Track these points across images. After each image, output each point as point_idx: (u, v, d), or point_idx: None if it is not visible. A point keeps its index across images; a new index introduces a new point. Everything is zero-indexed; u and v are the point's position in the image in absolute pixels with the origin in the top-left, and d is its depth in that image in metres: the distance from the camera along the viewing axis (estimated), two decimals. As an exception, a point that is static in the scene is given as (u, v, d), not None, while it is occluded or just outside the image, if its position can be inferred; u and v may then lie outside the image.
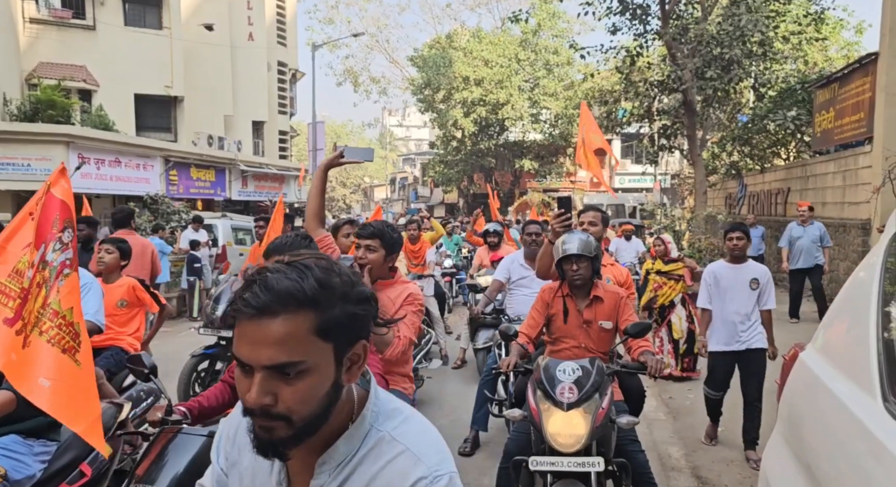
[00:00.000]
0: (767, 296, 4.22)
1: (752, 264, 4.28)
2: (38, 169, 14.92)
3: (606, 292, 3.06)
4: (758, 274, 4.22)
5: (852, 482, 1.39)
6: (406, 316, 2.62)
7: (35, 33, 16.91)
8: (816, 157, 12.14)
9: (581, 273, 2.95)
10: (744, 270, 4.24)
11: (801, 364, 1.94)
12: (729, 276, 4.25)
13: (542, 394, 2.68)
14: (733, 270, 4.25)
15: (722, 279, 4.26)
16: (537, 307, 3.12)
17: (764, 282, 4.20)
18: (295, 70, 27.39)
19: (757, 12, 11.27)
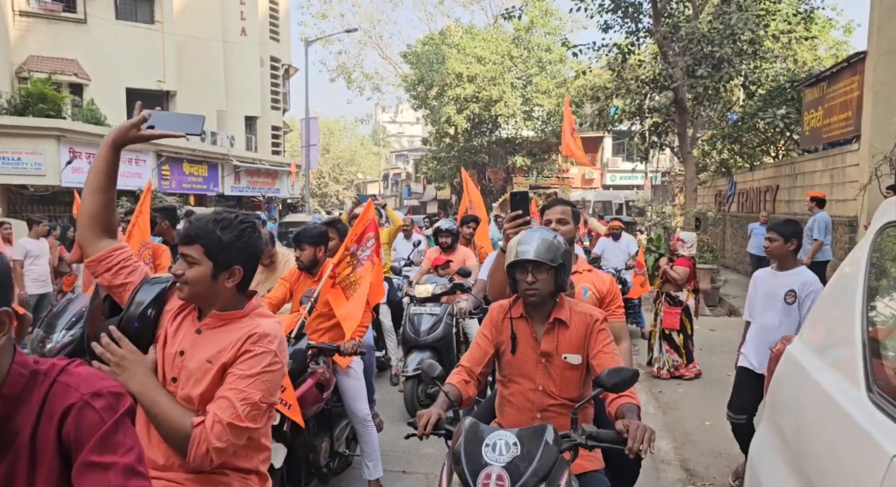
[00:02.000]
0: (809, 311, 3.37)
1: (798, 273, 3.55)
2: (28, 163, 14.82)
3: (574, 314, 2.18)
4: (796, 285, 3.47)
5: (837, 470, 1.44)
6: (235, 380, 1.58)
7: (25, 26, 16.76)
8: (805, 155, 12.27)
9: (538, 288, 2.10)
10: (783, 278, 3.57)
11: (788, 356, 2.00)
12: (766, 285, 3.67)
13: (459, 483, 1.77)
14: (773, 277, 3.65)
15: (759, 288, 3.72)
16: (484, 332, 2.26)
17: (803, 295, 3.42)
18: (288, 65, 27.28)
19: (747, 11, 11.37)
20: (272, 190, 24.77)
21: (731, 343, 7.60)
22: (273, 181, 25.10)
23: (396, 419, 4.95)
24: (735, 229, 15.57)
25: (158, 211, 5.07)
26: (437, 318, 5.19)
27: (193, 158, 19.91)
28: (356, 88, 35.72)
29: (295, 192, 28.15)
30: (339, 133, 53.96)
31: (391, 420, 4.90)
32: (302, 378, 3.18)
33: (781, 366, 2.04)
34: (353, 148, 55.10)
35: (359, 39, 34.70)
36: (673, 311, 6.30)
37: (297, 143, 34.99)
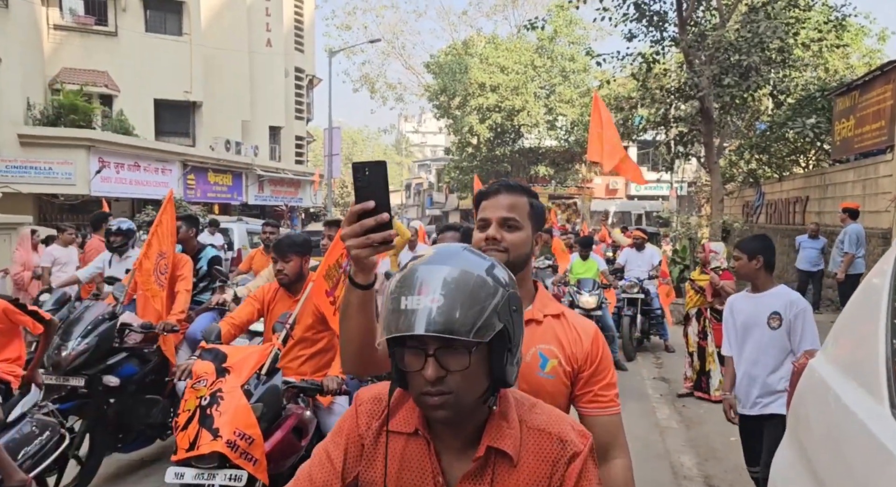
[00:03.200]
0: (802, 334, 2.95)
1: (779, 292, 3.08)
2: (59, 173, 15.22)
3: (528, 437, 1.07)
4: (779, 306, 2.98)
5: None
6: None
7: (59, 39, 17.28)
8: (836, 165, 11.97)
9: (449, 389, 0.99)
10: (762, 301, 3.08)
11: (810, 371, 1.91)
12: (744, 311, 3.17)
13: None
14: (750, 302, 3.16)
15: (739, 315, 3.19)
16: (327, 450, 1.14)
17: (791, 316, 2.96)
18: (312, 76, 27.65)
19: (776, 19, 11.16)
20: (295, 199, 25.05)
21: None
22: (296, 191, 25.39)
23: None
24: (763, 241, 15.22)
25: (183, 219, 5.05)
26: None
27: (218, 167, 20.23)
28: (379, 98, 36.08)
29: (318, 201, 28.43)
30: (362, 143, 54.54)
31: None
32: (276, 424, 2.65)
33: (803, 381, 1.94)
34: (375, 157, 55.44)
35: (382, 50, 35.12)
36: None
37: (320, 152, 35.42)
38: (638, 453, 4.37)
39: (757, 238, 3.24)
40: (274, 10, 23.26)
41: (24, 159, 14.86)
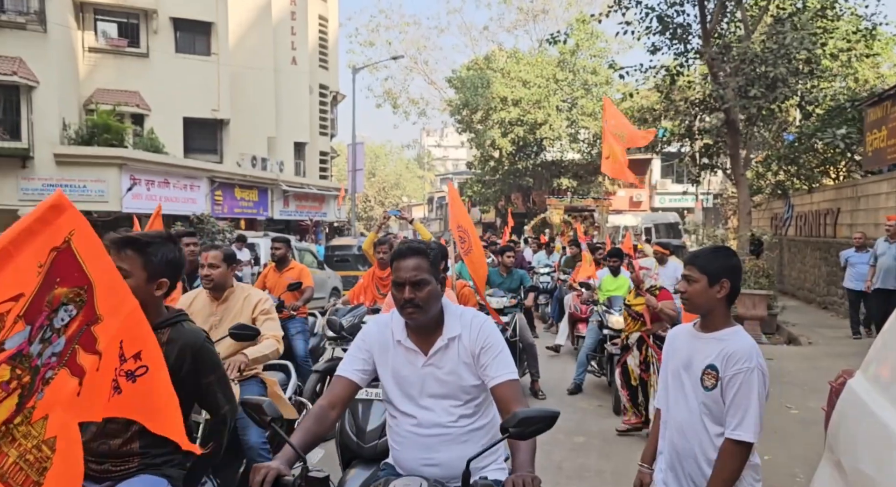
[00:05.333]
0: (735, 410, 2.01)
1: (724, 336, 2.11)
2: (92, 190, 15.64)
3: None
4: (718, 358, 2.07)
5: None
6: None
7: (93, 61, 17.83)
8: (868, 176, 11.72)
9: None
10: (706, 346, 2.13)
11: (849, 392, 1.86)
12: (681, 352, 2.23)
13: None
14: (692, 342, 2.20)
15: (674, 357, 2.26)
16: None
17: (727, 377, 2.03)
18: (336, 92, 28.06)
19: (803, 30, 11.02)
20: (319, 214, 25.32)
21: (789, 374, 7.24)
22: (320, 205, 25.68)
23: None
24: (793, 254, 14.93)
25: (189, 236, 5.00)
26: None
27: (244, 183, 20.59)
28: (402, 113, 36.38)
29: (341, 215, 28.69)
30: (385, 157, 54.97)
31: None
32: None
33: (842, 402, 1.89)
34: (398, 172, 55.98)
35: (405, 65, 35.48)
36: None
37: (343, 167, 35.79)
38: (668, 472, 4.28)
39: (719, 253, 2.20)
40: (299, 29, 23.73)
41: (60, 178, 15.32)
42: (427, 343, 1.96)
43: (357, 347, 2.05)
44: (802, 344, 9.14)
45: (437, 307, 1.97)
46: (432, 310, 1.94)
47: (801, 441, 4.88)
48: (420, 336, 1.97)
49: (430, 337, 1.97)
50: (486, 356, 1.92)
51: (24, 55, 14.84)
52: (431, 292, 1.92)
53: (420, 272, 1.91)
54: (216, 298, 3.29)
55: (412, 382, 1.97)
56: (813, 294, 13.23)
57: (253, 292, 3.39)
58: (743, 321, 9.48)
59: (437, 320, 1.98)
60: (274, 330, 3.24)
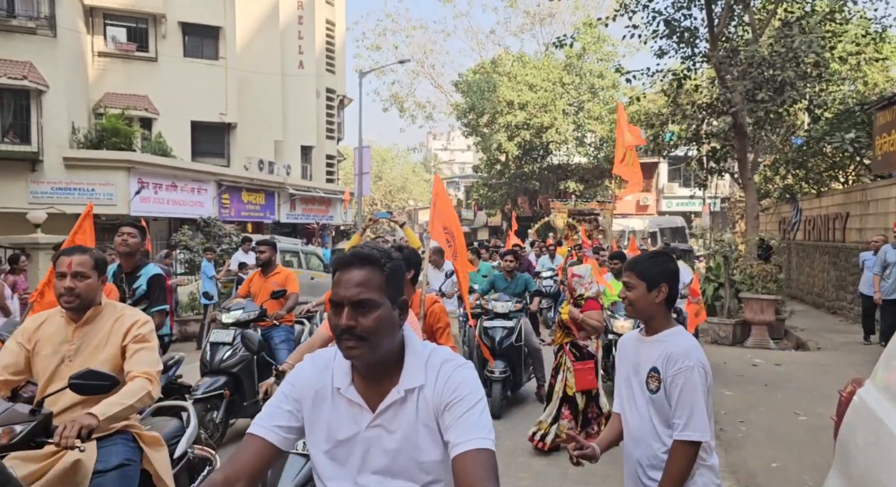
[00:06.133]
0: (681, 411, 2.01)
1: (665, 337, 2.14)
2: (101, 193, 15.74)
3: None
4: (659, 361, 2.07)
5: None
6: None
7: (103, 66, 17.97)
8: (877, 181, 11.63)
9: None
10: (650, 349, 2.15)
11: (859, 401, 1.84)
12: (631, 358, 2.24)
13: None
14: (638, 347, 2.22)
15: (623, 363, 2.29)
16: None
17: (668, 378, 2.04)
18: (343, 96, 28.16)
19: (811, 33, 10.96)
20: (326, 217, 25.39)
21: (798, 379, 7.18)
22: (327, 209, 25.74)
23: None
24: (801, 258, 14.83)
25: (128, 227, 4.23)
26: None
27: (251, 186, 20.67)
28: (409, 117, 36.47)
29: (348, 219, 28.76)
30: (392, 161, 55.07)
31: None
32: None
33: (852, 411, 1.87)
34: (404, 175, 56.07)
35: (411, 69, 35.55)
36: (585, 367, 4.79)
37: (350, 171, 35.88)
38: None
39: (657, 259, 2.21)
40: (306, 34, 23.84)
41: (69, 181, 15.43)
42: (377, 394, 1.41)
43: (283, 394, 1.46)
44: (811, 349, 9.07)
45: (393, 342, 1.42)
46: (383, 345, 1.38)
47: (810, 448, 4.83)
48: (369, 384, 1.42)
49: (381, 386, 1.41)
50: (452, 414, 1.36)
51: (34, 59, 14.97)
52: (382, 319, 1.36)
53: (367, 290, 1.36)
54: (75, 319, 2.43)
55: (351, 450, 1.41)
56: (822, 299, 13.13)
57: (127, 313, 2.53)
58: (751, 326, 9.43)
59: (392, 361, 1.43)
60: (147, 365, 2.38)
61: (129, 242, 4.06)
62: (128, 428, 2.41)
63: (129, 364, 2.38)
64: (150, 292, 4.06)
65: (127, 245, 4.07)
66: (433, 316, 3.52)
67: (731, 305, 9.92)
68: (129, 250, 4.08)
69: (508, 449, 4.91)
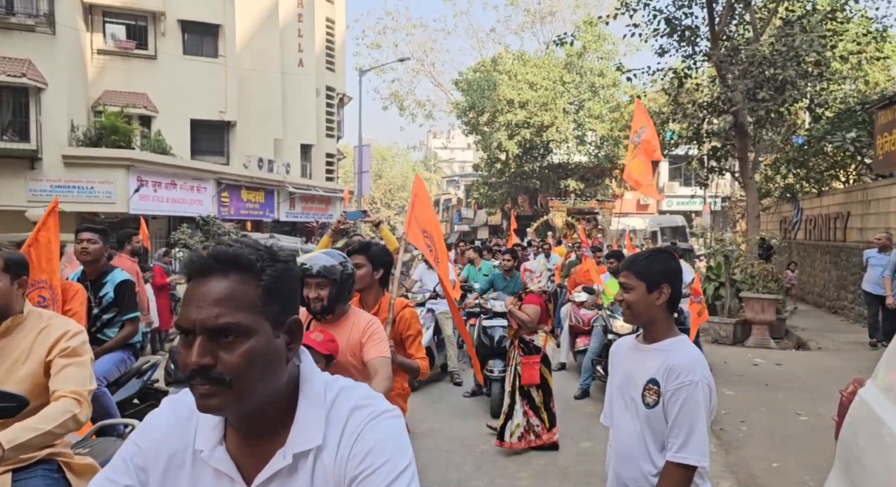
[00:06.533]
0: (679, 429, 1.81)
1: (667, 346, 1.92)
2: (100, 192, 15.71)
3: None
4: (659, 371, 1.88)
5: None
6: None
7: (102, 63, 17.93)
8: (878, 180, 11.60)
9: None
10: (648, 358, 1.95)
11: (860, 402, 1.82)
12: (626, 367, 2.03)
13: None
14: (637, 356, 2.01)
15: (617, 372, 2.08)
16: None
17: (668, 392, 1.84)
18: (342, 94, 28.11)
19: (812, 32, 10.94)
20: (325, 216, 25.36)
21: (799, 379, 7.16)
22: (326, 207, 25.71)
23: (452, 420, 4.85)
24: (802, 258, 14.81)
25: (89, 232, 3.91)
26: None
27: (251, 185, 20.63)
28: (408, 116, 36.44)
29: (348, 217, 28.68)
30: (391, 159, 55.07)
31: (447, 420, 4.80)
32: None
33: (853, 411, 1.85)
34: (404, 174, 56.09)
35: (411, 68, 35.52)
36: (531, 361, 4.88)
37: (350, 169, 35.87)
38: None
39: (657, 257, 1.98)
40: (306, 32, 23.78)
41: (68, 179, 15.40)
42: (256, 459, 1.00)
43: (122, 462, 1.04)
44: (812, 349, 9.05)
45: (276, 385, 0.99)
46: (258, 391, 0.96)
47: (810, 448, 4.81)
48: (246, 444, 1.01)
49: (263, 447, 1.00)
50: None
51: (33, 57, 14.93)
52: (255, 353, 0.94)
53: (231, 310, 0.93)
54: None
55: None
56: (822, 298, 13.11)
57: (55, 323, 2.19)
58: (752, 325, 9.41)
59: (278, 411, 1.01)
60: (76, 383, 2.03)
61: (89, 249, 3.80)
62: (53, 456, 2.02)
63: (55, 382, 2.01)
64: (118, 299, 3.84)
65: (88, 253, 3.80)
66: (403, 323, 3.04)
67: (731, 304, 9.90)
68: (91, 257, 3.82)
69: (508, 449, 4.89)
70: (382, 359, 2.46)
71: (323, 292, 2.43)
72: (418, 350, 3.02)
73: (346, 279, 2.48)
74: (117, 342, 3.86)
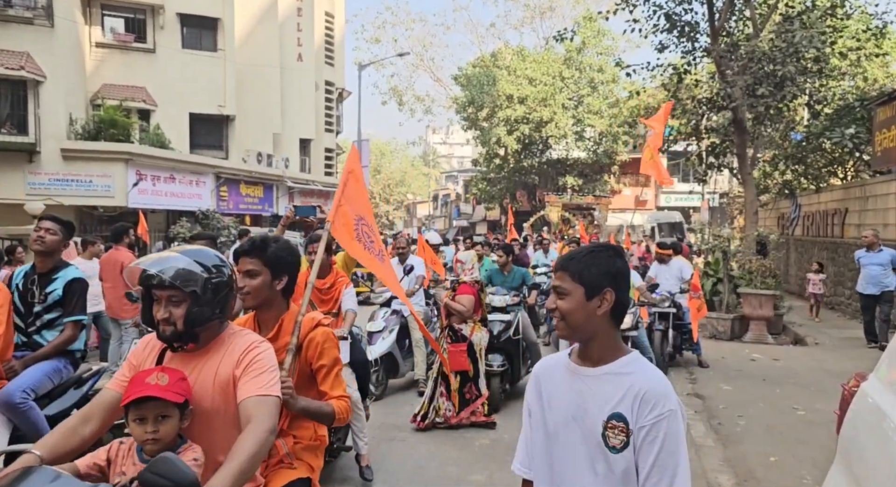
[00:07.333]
0: (660, 474, 1.43)
1: (627, 368, 1.51)
2: (99, 185, 15.68)
3: None
4: (623, 402, 1.47)
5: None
6: None
7: (100, 57, 17.86)
8: (877, 176, 11.64)
9: None
10: (598, 387, 1.52)
11: (863, 396, 1.84)
12: (565, 400, 1.56)
13: None
14: (582, 382, 1.55)
15: (551, 406, 1.59)
16: None
17: (647, 425, 1.44)
18: (342, 89, 28.05)
19: (812, 28, 10.95)
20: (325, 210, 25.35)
21: (796, 374, 7.20)
22: (325, 202, 25.68)
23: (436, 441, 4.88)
24: (800, 254, 14.86)
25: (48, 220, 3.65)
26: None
27: (250, 179, 20.61)
28: (408, 111, 36.40)
29: (347, 212, 28.65)
30: (390, 155, 54.98)
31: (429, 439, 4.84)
32: None
33: (855, 405, 1.87)
34: (403, 169, 56.03)
35: (411, 62, 35.45)
36: (458, 349, 5.14)
37: (349, 164, 35.82)
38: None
39: (600, 254, 1.56)
40: (305, 26, 23.70)
41: (66, 172, 15.36)
42: None
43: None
44: (809, 345, 9.10)
45: None
46: None
47: (808, 443, 4.85)
48: None
49: None
50: None
51: (32, 50, 14.87)
52: None
53: None
54: None
55: None
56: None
57: None
58: (749, 321, 9.45)
59: None
60: None
61: (46, 239, 3.44)
62: None
63: None
64: (66, 299, 3.45)
65: (43, 243, 3.43)
66: (313, 348, 2.25)
67: (729, 300, 9.94)
68: (46, 248, 3.45)
69: (507, 443, 4.92)
70: (259, 399, 1.67)
71: (177, 311, 1.70)
72: (335, 386, 2.23)
73: (216, 290, 1.75)
74: (54, 348, 3.39)
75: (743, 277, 9.90)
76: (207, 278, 1.73)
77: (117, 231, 6.51)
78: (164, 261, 1.71)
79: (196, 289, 1.70)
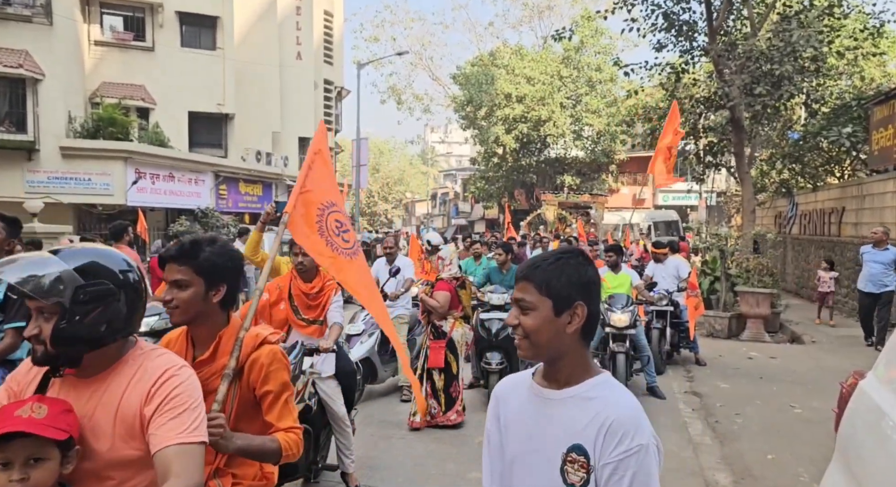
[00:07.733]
0: None
1: (593, 392, 1.30)
2: (98, 183, 15.66)
3: None
4: (585, 433, 1.26)
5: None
6: None
7: (99, 55, 17.82)
8: (873, 175, 11.69)
9: None
10: (561, 413, 1.31)
11: (861, 394, 1.87)
12: (523, 428, 1.36)
13: None
14: (542, 406, 1.35)
15: (509, 434, 1.39)
16: None
17: (613, 461, 1.22)
18: (340, 88, 28.03)
19: (809, 27, 10.99)
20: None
21: (793, 373, 7.25)
22: (324, 200, 25.65)
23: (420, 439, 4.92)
24: (797, 252, 14.91)
25: None
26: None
27: (249, 178, 20.61)
28: (406, 110, 36.33)
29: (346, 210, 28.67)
30: (389, 153, 54.95)
31: (416, 438, 4.87)
32: None
33: (854, 404, 1.90)
34: (402, 168, 56.00)
35: (409, 61, 35.41)
36: (437, 345, 5.21)
37: (347, 163, 35.80)
38: (670, 470, 4.31)
39: (569, 261, 1.35)
40: (304, 25, 23.67)
41: (65, 171, 15.35)
42: None
43: None
44: (806, 343, 9.16)
45: None
46: None
47: (805, 441, 4.89)
48: None
49: None
50: None
51: (30, 48, 14.84)
52: None
53: None
54: None
55: None
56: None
57: None
58: (747, 319, 9.50)
59: None
60: None
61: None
62: None
63: None
64: (6, 302, 3.01)
65: None
66: (257, 370, 1.86)
67: (726, 298, 9.99)
68: None
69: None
70: (179, 450, 1.35)
71: (46, 327, 1.36)
72: (283, 416, 1.84)
73: (96, 300, 1.38)
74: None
75: (740, 275, 9.95)
76: (81, 287, 1.35)
77: (117, 229, 6.47)
78: (28, 265, 1.33)
79: (62, 300, 1.33)
